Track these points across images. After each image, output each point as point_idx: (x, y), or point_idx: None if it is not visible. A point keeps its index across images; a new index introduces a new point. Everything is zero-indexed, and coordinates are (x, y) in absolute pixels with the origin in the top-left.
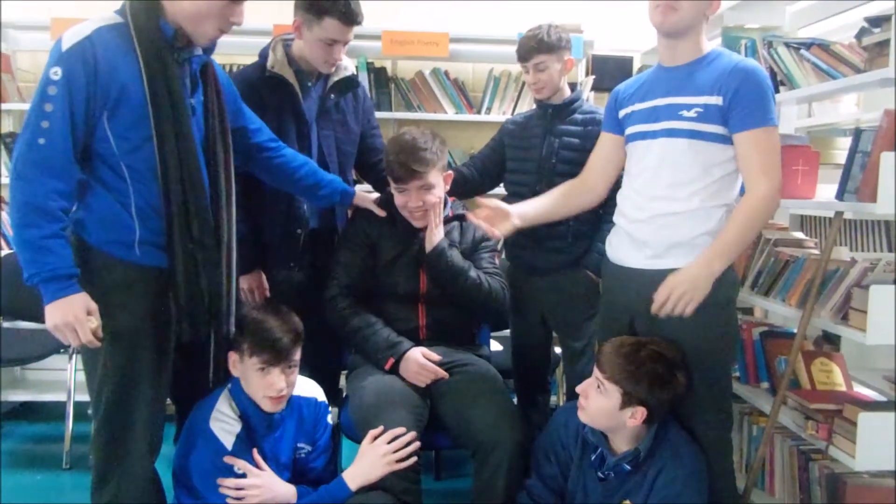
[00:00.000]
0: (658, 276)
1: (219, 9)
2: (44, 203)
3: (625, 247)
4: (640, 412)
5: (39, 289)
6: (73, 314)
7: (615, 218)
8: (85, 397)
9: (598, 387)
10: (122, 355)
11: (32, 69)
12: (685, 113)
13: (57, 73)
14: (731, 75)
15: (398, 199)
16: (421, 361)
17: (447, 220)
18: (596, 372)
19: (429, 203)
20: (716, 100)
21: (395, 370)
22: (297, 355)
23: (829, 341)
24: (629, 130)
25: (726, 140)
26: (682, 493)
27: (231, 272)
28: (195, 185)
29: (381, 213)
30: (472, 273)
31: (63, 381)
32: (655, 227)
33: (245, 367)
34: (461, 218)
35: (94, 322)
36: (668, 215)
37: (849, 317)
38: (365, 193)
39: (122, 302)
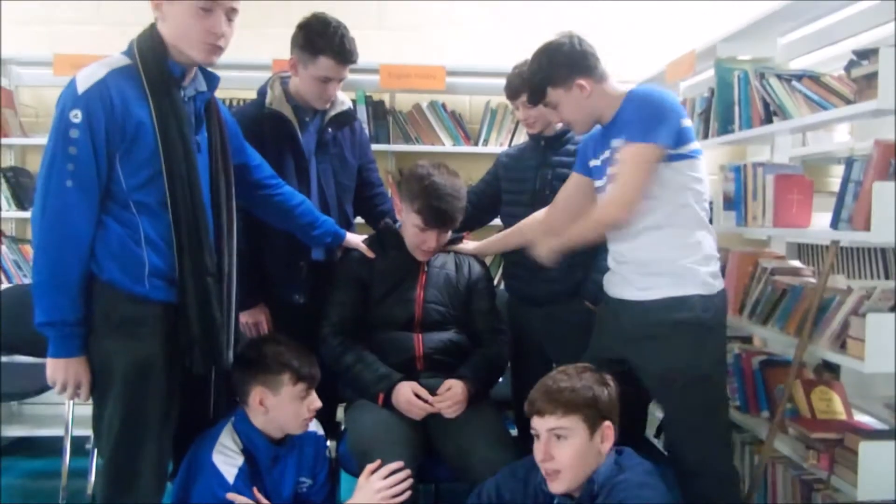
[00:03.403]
0: (646, 307)
1: (190, 20)
2: (78, 245)
3: (614, 280)
4: (608, 428)
5: (47, 334)
6: (74, 377)
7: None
8: (83, 432)
9: (558, 437)
10: (133, 391)
11: (34, 104)
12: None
13: (77, 116)
14: (623, 105)
15: (415, 237)
16: (408, 397)
17: (442, 251)
18: (546, 423)
19: (441, 243)
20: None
21: (389, 403)
22: None
23: (830, 370)
24: (595, 184)
25: (671, 158)
26: None
27: (232, 305)
28: (202, 219)
29: (371, 254)
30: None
31: (61, 415)
32: (635, 263)
33: (282, 398)
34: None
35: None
36: (641, 248)
37: (847, 345)
38: (354, 236)
39: (132, 337)
